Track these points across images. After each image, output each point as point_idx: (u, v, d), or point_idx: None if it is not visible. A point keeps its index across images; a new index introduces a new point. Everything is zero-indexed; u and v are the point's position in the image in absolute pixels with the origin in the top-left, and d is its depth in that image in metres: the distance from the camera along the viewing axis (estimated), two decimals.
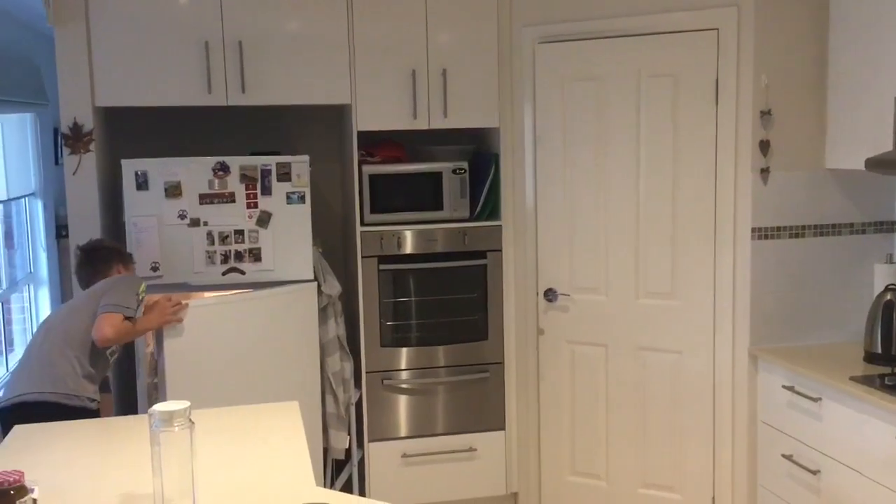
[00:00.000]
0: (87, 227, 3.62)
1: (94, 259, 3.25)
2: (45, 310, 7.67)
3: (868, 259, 3.44)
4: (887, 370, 2.95)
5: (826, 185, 3.40)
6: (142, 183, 3.54)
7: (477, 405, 4.00)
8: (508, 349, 4.00)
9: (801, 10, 3.31)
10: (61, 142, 3.62)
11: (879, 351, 3.12)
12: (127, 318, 3.02)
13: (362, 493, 3.92)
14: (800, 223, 3.39)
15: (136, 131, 4.06)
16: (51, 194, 7.72)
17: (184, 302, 3.29)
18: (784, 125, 3.33)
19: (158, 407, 1.88)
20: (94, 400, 3.03)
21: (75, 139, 3.58)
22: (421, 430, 3.95)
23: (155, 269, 3.57)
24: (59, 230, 7.67)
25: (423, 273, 3.84)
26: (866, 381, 2.90)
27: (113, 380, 3.64)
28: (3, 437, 2.79)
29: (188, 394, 2.24)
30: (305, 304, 3.67)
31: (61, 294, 7.87)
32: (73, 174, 3.61)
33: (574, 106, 3.72)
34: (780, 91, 3.32)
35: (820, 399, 3.03)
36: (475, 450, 3.98)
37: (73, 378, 2.96)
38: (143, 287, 3.15)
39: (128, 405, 3.76)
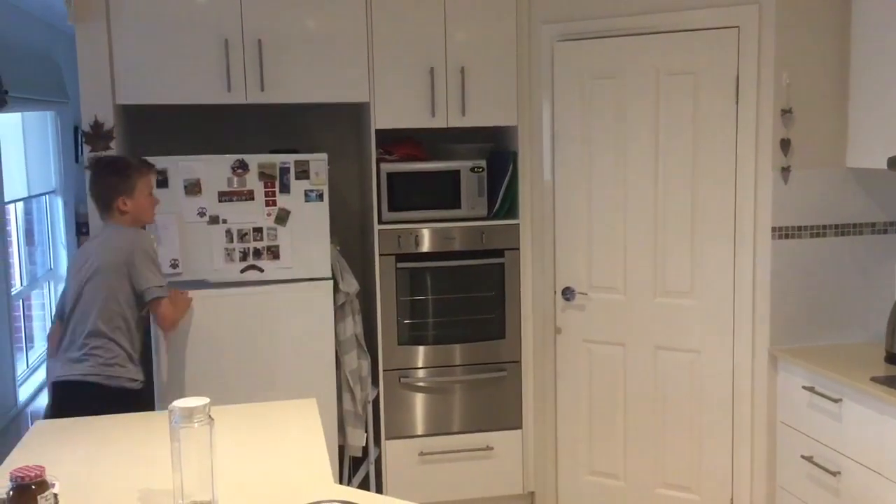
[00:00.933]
0: None
1: (112, 171, 3.22)
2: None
3: (889, 259, 3.40)
4: None
5: (847, 184, 3.37)
6: (161, 180, 3.55)
7: (494, 404, 3.99)
8: (526, 348, 3.99)
9: (823, 7, 3.28)
10: (82, 139, 3.64)
11: None
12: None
13: (379, 491, 3.92)
14: (821, 223, 3.37)
15: (156, 129, 4.08)
16: (71, 192, 7.79)
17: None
18: (805, 124, 3.31)
19: (178, 403, 1.89)
20: (134, 380, 3.11)
21: (96, 137, 3.60)
22: (438, 428, 3.95)
23: (174, 266, 3.58)
24: (80, 227, 7.73)
25: (440, 271, 3.84)
26: (888, 381, 2.87)
27: None
28: (54, 410, 3.02)
29: (205, 389, 2.25)
30: (322, 301, 3.68)
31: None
32: None
33: (593, 104, 3.70)
34: (801, 89, 3.29)
35: (840, 400, 3.01)
36: (492, 448, 3.98)
37: (112, 359, 3.06)
38: (155, 247, 3.25)
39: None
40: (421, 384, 3.93)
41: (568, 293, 3.83)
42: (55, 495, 1.89)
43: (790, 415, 3.33)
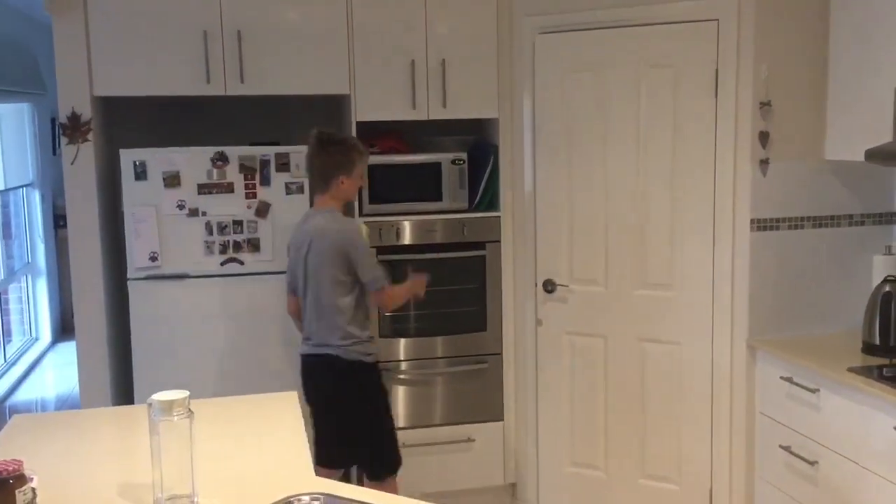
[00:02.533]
0: (84, 217, 3.61)
1: (317, 159, 3.29)
2: (42, 300, 7.68)
3: (867, 250, 3.43)
4: (885, 361, 2.95)
5: (825, 176, 3.40)
6: (140, 173, 3.53)
7: (475, 396, 4.00)
8: (507, 340, 4.00)
9: (802, 0, 3.30)
10: (59, 132, 3.61)
11: (878, 342, 3.12)
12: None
13: (360, 484, 3.92)
14: (799, 214, 3.39)
15: (135, 121, 4.05)
16: (48, 185, 7.73)
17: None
18: (784, 116, 3.33)
19: (158, 396, 1.88)
20: (368, 353, 3.30)
21: (73, 129, 3.57)
22: (419, 420, 3.96)
23: (153, 259, 3.56)
24: (57, 220, 7.68)
25: (421, 264, 3.83)
26: (865, 372, 2.90)
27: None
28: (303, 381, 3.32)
29: (185, 382, 2.24)
30: None
31: (59, 284, 7.88)
32: (71, 164, 3.60)
33: (574, 97, 3.71)
34: (779, 82, 3.31)
35: (818, 390, 3.04)
36: (473, 440, 3.99)
37: (345, 335, 3.24)
38: (367, 234, 3.39)
39: None
40: (402, 376, 3.93)
41: (549, 285, 3.84)
42: (33, 489, 1.88)
43: (769, 405, 3.36)
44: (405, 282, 3.45)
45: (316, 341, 3.29)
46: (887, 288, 3.12)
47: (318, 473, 3.33)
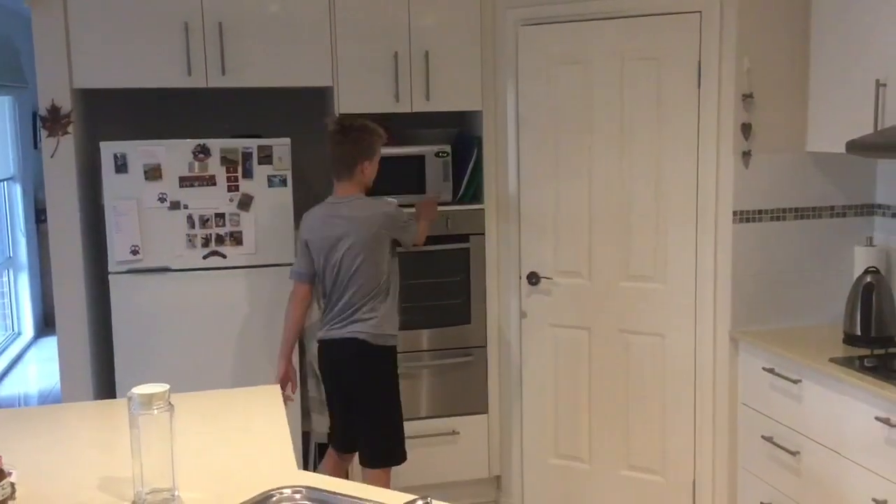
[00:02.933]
0: (65, 210, 3.58)
1: (347, 147, 3.31)
2: (24, 295, 7.63)
3: (848, 242, 3.45)
4: (867, 352, 2.97)
5: (807, 168, 3.41)
6: (121, 166, 3.50)
7: (460, 388, 4.00)
8: (491, 333, 4.00)
9: None
10: (39, 124, 3.58)
11: (859, 333, 3.14)
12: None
13: (344, 477, 3.92)
14: (781, 206, 3.41)
15: (116, 113, 4.02)
16: (30, 178, 7.67)
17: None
18: (766, 108, 3.34)
19: (137, 390, 1.87)
20: (393, 336, 3.35)
21: (53, 121, 3.54)
22: (404, 413, 3.94)
23: (135, 252, 3.54)
24: (39, 214, 7.62)
25: (405, 257, 3.81)
26: (846, 362, 2.92)
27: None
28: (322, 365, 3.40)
29: (167, 376, 2.22)
30: (286, 287, 3.65)
31: (41, 278, 7.83)
32: (51, 157, 3.57)
33: (557, 89, 3.70)
34: (762, 74, 3.32)
35: (800, 381, 3.05)
36: (458, 433, 3.99)
37: (376, 320, 3.27)
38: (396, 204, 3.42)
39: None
40: None
41: (533, 278, 3.84)
42: (12, 484, 1.87)
43: (751, 396, 3.37)
44: (419, 216, 3.54)
45: (347, 324, 3.28)
46: (868, 279, 3.15)
47: (326, 460, 3.36)
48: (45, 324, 7.88)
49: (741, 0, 3.28)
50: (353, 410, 3.37)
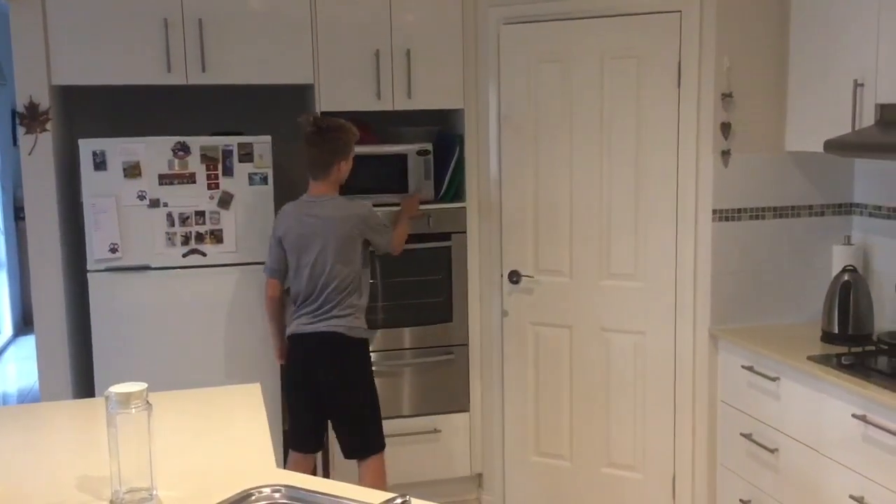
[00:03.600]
0: (43, 208, 3.56)
1: (326, 148, 3.33)
2: (3, 293, 7.56)
3: (826, 241, 3.48)
4: (844, 350, 2.99)
5: (786, 167, 3.44)
6: (100, 163, 3.48)
7: (441, 387, 4.00)
8: (473, 331, 4.00)
9: None
10: (17, 121, 3.55)
11: (836, 331, 3.16)
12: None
13: (326, 476, 3.91)
14: (760, 205, 3.43)
15: (94, 110, 3.99)
16: (9, 176, 7.59)
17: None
18: (745, 108, 3.36)
19: (115, 389, 1.86)
20: (366, 329, 3.41)
21: (31, 118, 3.51)
22: (385, 411, 3.92)
23: (114, 250, 3.52)
24: (18, 212, 7.55)
25: (387, 255, 3.82)
26: (823, 360, 2.94)
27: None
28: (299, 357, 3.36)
29: (146, 374, 2.21)
30: (264, 285, 3.65)
31: (20, 277, 7.76)
32: (29, 154, 3.54)
33: (538, 87, 3.71)
34: (741, 74, 3.34)
35: (778, 378, 3.08)
36: (439, 431, 3.99)
37: (351, 314, 3.33)
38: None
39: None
40: None
41: (514, 276, 3.84)
42: None
43: (730, 393, 3.39)
44: (401, 216, 3.62)
45: (322, 319, 3.31)
46: (846, 277, 3.17)
47: (291, 464, 3.37)
48: (25, 322, 7.81)
49: (721, 0, 3.30)
50: (330, 405, 3.38)
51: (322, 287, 3.30)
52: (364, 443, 3.43)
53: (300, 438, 3.44)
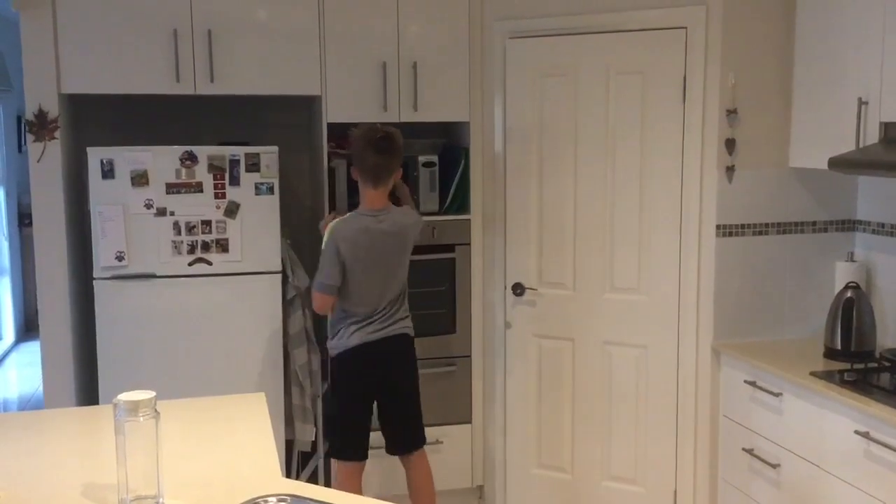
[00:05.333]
0: (51, 215, 3.57)
1: (396, 153, 3.36)
2: (6, 299, 7.58)
3: (829, 257, 3.50)
4: (847, 366, 3.00)
5: (790, 183, 3.45)
6: (107, 171, 3.49)
7: (444, 398, 4.00)
8: (476, 343, 4.01)
9: (769, 10, 3.35)
10: (25, 129, 3.56)
11: (839, 347, 3.17)
12: None
13: (328, 485, 3.91)
14: (763, 221, 3.45)
15: (103, 119, 4.01)
16: (14, 182, 7.62)
17: None
18: (750, 124, 3.38)
19: (123, 397, 1.87)
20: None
21: (40, 126, 3.53)
22: None
23: (120, 258, 3.53)
24: (22, 218, 7.57)
25: None
26: (826, 376, 2.95)
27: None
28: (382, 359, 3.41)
29: (152, 383, 2.22)
30: (271, 295, 3.66)
31: (23, 283, 7.78)
32: (38, 162, 3.56)
33: (544, 101, 3.73)
34: (746, 90, 3.36)
35: (781, 394, 3.08)
36: (441, 442, 3.99)
37: (408, 316, 3.49)
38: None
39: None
40: None
41: (518, 288, 3.86)
42: None
43: (732, 408, 3.40)
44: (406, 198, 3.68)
45: (392, 324, 3.41)
46: (849, 294, 3.18)
47: (347, 476, 3.43)
48: (27, 328, 7.82)
49: (726, 17, 3.32)
50: (394, 402, 3.48)
51: (391, 296, 3.39)
52: (420, 434, 3.56)
53: (361, 447, 3.47)
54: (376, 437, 3.53)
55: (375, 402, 3.47)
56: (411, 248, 3.45)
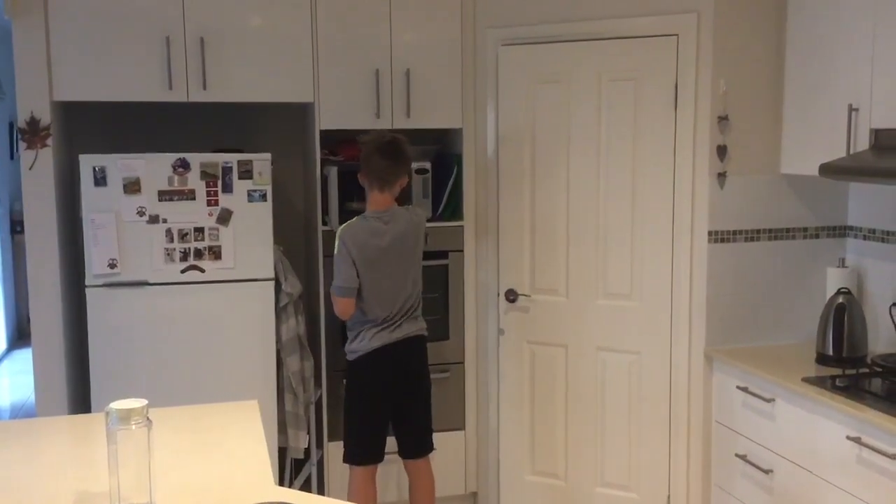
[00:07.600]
0: (43, 223, 3.56)
1: (402, 159, 3.41)
2: None
3: (821, 263, 3.51)
4: (838, 372, 3.01)
5: (781, 190, 3.47)
6: (100, 179, 3.49)
7: (437, 405, 3.97)
8: (469, 349, 4.01)
9: (760, 17, 3.37)
10: (17, 136, 3.56)
11: (831, 353, 3.19)
12: None
13: (321, 493, 3.91)
14: (755, 227, 3.46)
15: (95, 126, 4.01)
16: (6, 189, 7.60)
17: None
18: (741, 130, 3.39)
19: (115, 405, 1.86)
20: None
21: (32, 133, 3.53)
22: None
23: (113, 266, 3.52)
24: (14, 226, 7.55)
25: None
26: (818, 382, 2.96)
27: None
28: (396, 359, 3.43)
29: (145, 391, 2.22)
30: (264, 302, 3.66)
31: (15, 290, 7.75)
32: (30, 169, 3.55)
33: (536, 108, 3.74)
34: (737, 97, 3.38)
35: (773, 400, 3.09)
36: (434, 449, 3.98)
37: (421, 317, 3.54)
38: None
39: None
40: None
41: (511, 295, 3.86)
42: None
43: (725, 414, 3.41)
44: None
45: (405, 324, 3.44)
46: (840, 300, 3.20)
47: (362, 480, 3.48)
48: (19, 336, 7.79)
49: (717, 24, 3.34)
50: (409, 404, 3.51)
51: (405, 296, 3.42)
52: (430, 439, 3.60)
53: (378, 448, 3.51)
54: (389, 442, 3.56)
55: (392, 405, 3.49)
56: (422, 243, 3.50)
